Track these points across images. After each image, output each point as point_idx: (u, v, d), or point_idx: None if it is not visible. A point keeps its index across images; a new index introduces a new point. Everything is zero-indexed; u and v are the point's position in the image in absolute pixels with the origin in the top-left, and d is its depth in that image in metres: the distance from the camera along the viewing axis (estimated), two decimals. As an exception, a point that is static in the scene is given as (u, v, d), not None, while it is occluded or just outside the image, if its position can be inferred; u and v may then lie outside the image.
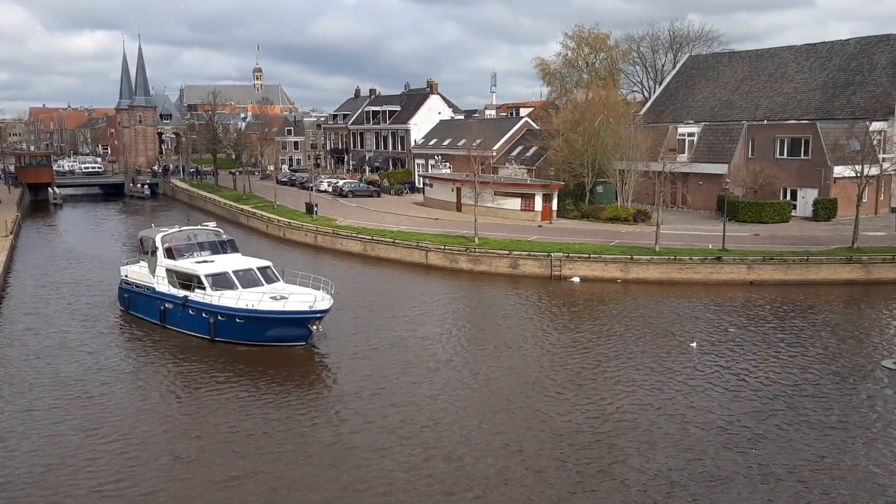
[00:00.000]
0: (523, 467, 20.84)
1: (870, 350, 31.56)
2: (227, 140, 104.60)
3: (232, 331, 32.22)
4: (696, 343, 32.09)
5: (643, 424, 23.59)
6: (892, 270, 43.54)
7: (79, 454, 21.96)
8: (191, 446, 22.61)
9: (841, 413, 24.47)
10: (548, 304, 40.38)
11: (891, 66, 63.99)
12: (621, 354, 30.82)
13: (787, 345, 31.86)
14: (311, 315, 31.15)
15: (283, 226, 65.00)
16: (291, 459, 21.57)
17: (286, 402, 26.30)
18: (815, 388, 26.80)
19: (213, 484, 20.15)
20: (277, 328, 31.48)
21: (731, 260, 44.39)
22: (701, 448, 21.87)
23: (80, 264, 52.85)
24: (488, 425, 23.81)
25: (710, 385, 27.10)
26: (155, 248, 36.32)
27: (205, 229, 38.92)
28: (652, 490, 19.48)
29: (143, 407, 25.88)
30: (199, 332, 33.40)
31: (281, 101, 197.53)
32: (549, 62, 73.88)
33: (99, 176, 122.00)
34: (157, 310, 35.51)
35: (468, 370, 29.24)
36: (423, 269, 49.54)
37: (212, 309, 32.58)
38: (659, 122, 72.33)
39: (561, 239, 51.63)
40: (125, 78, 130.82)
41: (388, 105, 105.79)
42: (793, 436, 22.67)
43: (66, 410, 25.38)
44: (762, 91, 72.18)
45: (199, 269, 34.16)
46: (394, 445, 22.32)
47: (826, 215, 57.50)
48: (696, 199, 64.83)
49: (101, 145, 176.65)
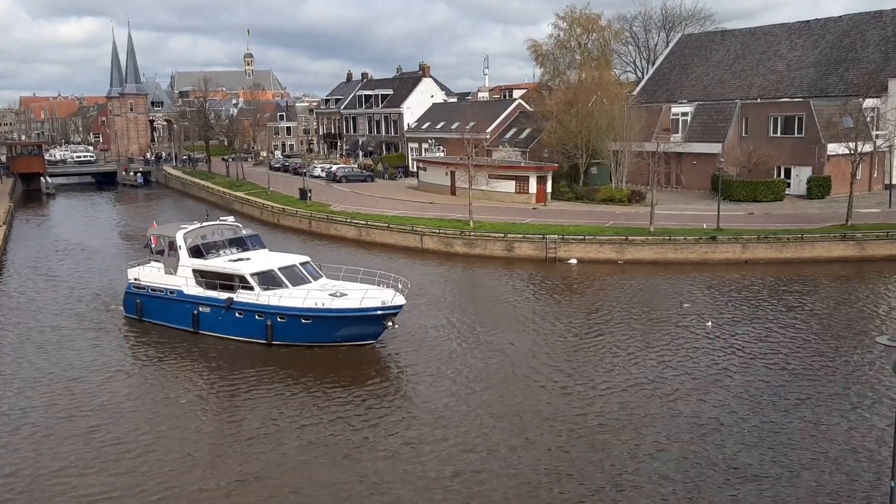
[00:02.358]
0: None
1: (864, 327, 31.70)
2: (220, 127, 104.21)
3: (296, 333, 29.71)
4: (711, 322, 32.15)
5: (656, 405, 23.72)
6: (886, 247, 43.67)
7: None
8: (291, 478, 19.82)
9: (836, 390, 24.60)
10: (543, 286, 40.45)
11: (883, 43, 63.89)
12: (631, 336, 30.94)
13: (781, 324, 31.97)
14: (388, 312, 29.21)
15: (278, 212, 64.85)
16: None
17: (379, 407, 24.43)
18: (810, 365, 26.93)
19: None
20: (351, 327, 29.40)
21: (726, 239, 44.46)
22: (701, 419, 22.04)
23: (75, 258, 52.62)
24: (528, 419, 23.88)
25: (707, 362, 27.24)
26: (175, 247, 33.31)
27: (225, 224, 35.88)
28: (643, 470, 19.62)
29: (224, 441, 22.07)
30: (250, 336, 30.57)
31: (272, 87, 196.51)
32: (542, 43, 73.35)
33: (91, 165, 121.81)
34: (189, 315, 32.12)
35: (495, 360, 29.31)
36: (418, 254, 49.50)
37: (269, 310, 29.84)
38: (652, 103, 72.18)
39: (556, 221, 51.61)
40: (115, 65, 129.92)
41: (380, 89, 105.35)
42: (790, 412, 22.82)
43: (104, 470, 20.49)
44: (755, 69, 72.03)
45: (242, 267, 31.40)
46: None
47: (820, 193, 57.53)
48: (690, 178, 64.77)
49: (93, 134, 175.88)
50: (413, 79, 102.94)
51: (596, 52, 71.45)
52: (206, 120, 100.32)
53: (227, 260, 32.77)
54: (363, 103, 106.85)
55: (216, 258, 32.90)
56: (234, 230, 35.36)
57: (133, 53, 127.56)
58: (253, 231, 36.94)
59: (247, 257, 33.01)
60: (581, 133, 61.72)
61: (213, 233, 34.58)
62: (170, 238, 33.93)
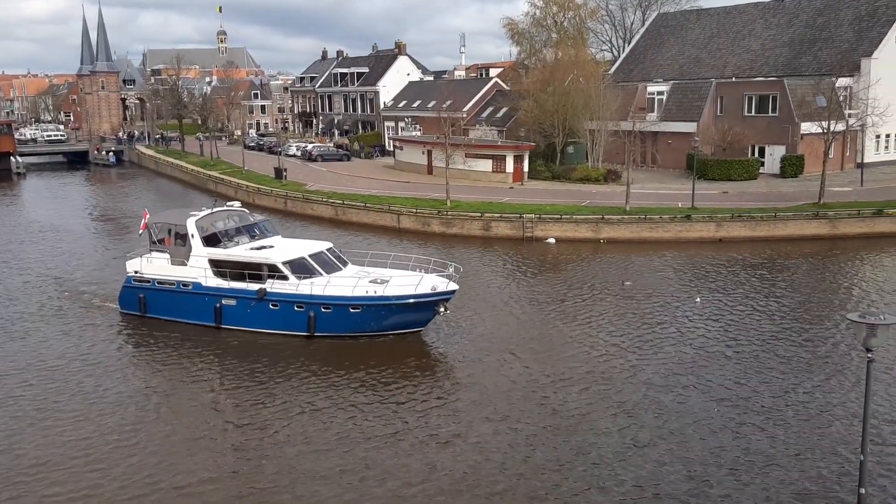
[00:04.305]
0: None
1: (836, 304, 32.18)
2: (193, 105, 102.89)
3: (343, 323, 28.30)
4: (700, 298, 32.58)
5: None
6: (858, 225, 44.27)
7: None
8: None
9: (807, 366, 24.99)
10: (521, 264, 40.58)
11: (856, 22, 64.36)
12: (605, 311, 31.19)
13: (754, 301, 32.35)
14: (442, 297, 28.17)
15: (253, 191, 64.35)
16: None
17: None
18: (783, 342, 27.30)
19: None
20: (404, 314, 28.29)
21: (701, 218, 44.82)
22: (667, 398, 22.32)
23: (49, 242, 51.86)
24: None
25: (678, 339, 27.54)
26: (186, 236, 30.87)
27: (233, 210, 33.56)
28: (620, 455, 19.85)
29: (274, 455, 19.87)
30: (287, 329, 28.79)
31: (246, 65, 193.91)
32: (518, 22, 73.20)
33: (62, 144, 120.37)
34: (210, 309, 30.00)
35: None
36: (395, 233, 49.40)
37: (313, 300, 28.20)
38: (628, 81, 72.30)
39: (533, 200, 51.72)
40: (86, 43, 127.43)
41: (356, 67, 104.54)
42: (758, 387, 23.15)
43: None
44: (730, 48, 72.33)
45: (272, 255, 29.47)
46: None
47: (793, 172, 58.09)
48: (665, 157, 65.10)
49: (64, 112, 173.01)
50: (389, 57, 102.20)
51: (572, 30, 71.41)
52: (179, 98, 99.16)
53: (249, 248, 30.80)
54: (339, 81, 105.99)
55: (235, 247, 30.92)
56: (243, 216, 33.25)
57: (104, 30, 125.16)
58: (263, 216, 35.13)
59: (269, 244, 31.13)
60: (557, 112, 61.72)
61: (227, 219, 32.35)
62: (176, 226, 31.66)
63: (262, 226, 33.09)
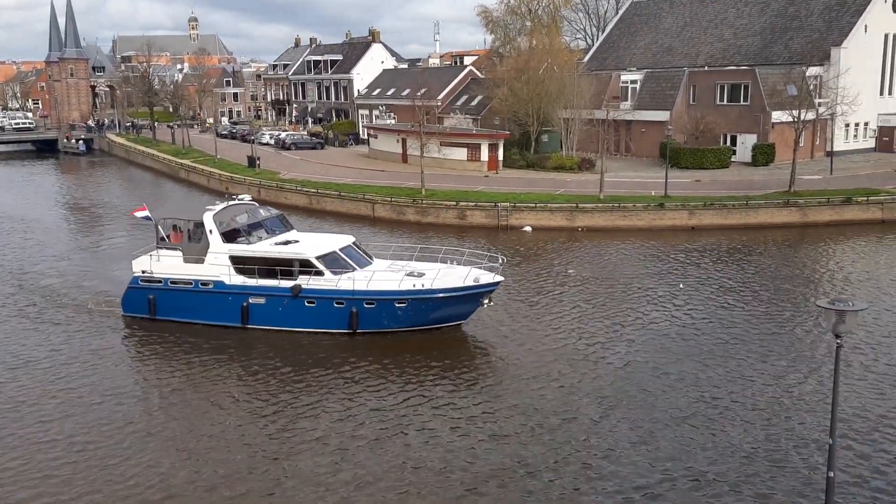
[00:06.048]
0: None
1: (806, 291, 32.63)
2: (164, 93, 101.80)
3: (387, 319, 27.50)
4: (683, 284, 32.98)
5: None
6: (828, 213, 44.93)
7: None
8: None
9: (777, 351, 25.33)
10: (495, 252, 40.60)
11: (827, 12, 65.02)
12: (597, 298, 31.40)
13: (725, 288, 32.75)
14: (487, 289, 27.76)
15: (226, 180, 63.80)
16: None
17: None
18: (752, 328, 27.67)
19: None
20: (451, 307, 27.74)
21: (674, 206, 45.21)
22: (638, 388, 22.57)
23: (23, 236, 51.15)
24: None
25: (650, 327, 27.82)
26: (203, 232, 29.20)
27: (245, 204, 31.74)
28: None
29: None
30: (326, 327, 27.70)
31: (218, 52, 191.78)
32: (492, 10, 73.29)
33: (31, 132, 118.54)
34: (236, 308, 28.32)
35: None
36: (370, 222, 49.30)
37: (356, 296, 27.15)
38: (602, 70, 72.54)
39: (508, 189, 51.84)
40: (54, 29, 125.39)
41: (329, 54, 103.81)
42: (729, 375, 23.47)
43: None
44: (703, 37, 72.78)
45: (305, 250, 28.24)
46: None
47: (764, 160, 58.70)
48: (639, 146, 65.49)
49: (32, 100, 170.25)
50: (363, 44, 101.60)
51: (546, 18, 71.56)
52: (149, 86, 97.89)
53: (274, 243, 29.23)
54: (312, 69, 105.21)
55: (258, 242, 29.29)
56: (254, 209, 31.53)
57: (72, 16, 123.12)
58: (277, 211, 33.44)
59: (294, 239, 29.89)
60: (532, 100, 61.82)
61: (245, 213, 30.68)
62: (193, 222, 29.88)
63: (278, 219, 31.55)
